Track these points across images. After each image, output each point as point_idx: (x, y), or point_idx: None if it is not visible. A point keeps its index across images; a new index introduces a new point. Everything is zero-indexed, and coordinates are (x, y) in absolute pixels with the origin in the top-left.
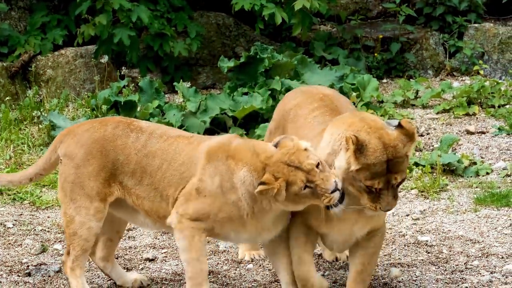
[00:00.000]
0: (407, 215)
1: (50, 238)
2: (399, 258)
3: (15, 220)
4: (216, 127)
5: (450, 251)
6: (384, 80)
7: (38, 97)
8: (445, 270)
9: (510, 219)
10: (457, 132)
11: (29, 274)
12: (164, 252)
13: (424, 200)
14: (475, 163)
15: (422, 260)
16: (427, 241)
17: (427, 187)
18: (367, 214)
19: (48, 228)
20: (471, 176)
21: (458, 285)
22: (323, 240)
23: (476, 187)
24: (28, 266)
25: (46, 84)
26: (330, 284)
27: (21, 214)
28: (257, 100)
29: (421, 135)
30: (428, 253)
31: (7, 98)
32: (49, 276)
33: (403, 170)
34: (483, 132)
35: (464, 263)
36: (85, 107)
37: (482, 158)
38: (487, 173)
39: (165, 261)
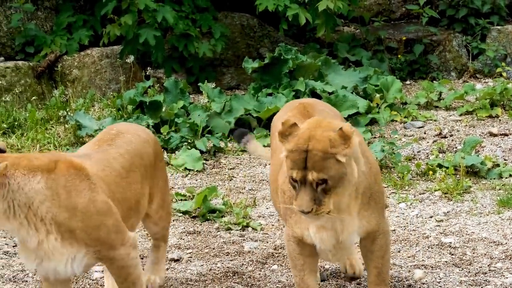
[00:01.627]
0: (431, 217)
1: None
2: (422, 260)
3: None
4: (241, 127)
5: (473, 253)
6: (408, 82)
7: (64, 97)
8: (469, 272)
9: None
10: (480, 134)
11: None
12: (189, 253)
13: (447, 202)
14: (498, 165)
15: (446, 262)
16: (450, 243)
17: (451, 189)
18: (344, 222)
19: None
20: (494, 178)
21: (481, 287)
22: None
23: (499, 189)
24: None
25: (72, 84)
26: (355, 286)
27: None
28: (281, 101)
29: (444, 137)
30: (452, 255)
31: (34, 97)
32: (74, 276)
33: (323, 170)
34: (506, 134)
35: (488, 265)
36: (110, 107)
37: (505, 160)
38: (510, 175)
39: (190, 262)
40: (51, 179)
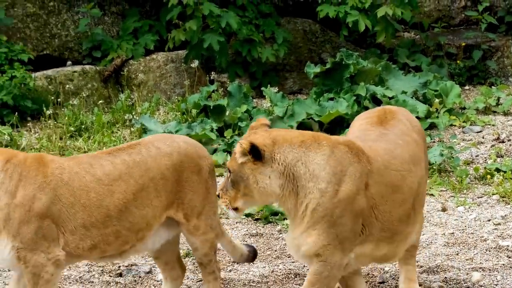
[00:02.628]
0: (489, 220)
1: None
2: (480, 263)
3: None
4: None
5: None
6: (466, 87)
7: (130, 100)
8: None
9: None
10: None
11: (120, 275)
12: None
13: (505, 205)
14: None
15: (503, 264)
16: (508, 246)
17: (508, 192)
18: (293, 233)
19: None
20: None
21: None
22: None
23: None
24: (119, 266)
25: (138, 88)
26: None
27: None
28: (342, 105)
29: (502, 142)
30: (509, 257)
31: (100, 101)
32: (139, 276)
33: (231, 160)
34: None
35: None
36: (175, 111)
37: None
38: None
39: (253, 263)
40: (10, 163)
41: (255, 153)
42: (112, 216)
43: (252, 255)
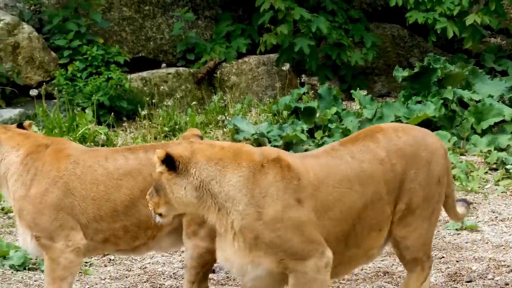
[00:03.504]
0: None
1: None
2: None
3: None
4: None
5: None
6: None
7: (223, 102)
8: None
9: None
10: None
11: (213, 271)
12: None
13: None
14: None
15: None
16: None
17: None
18: (226, 252)
19: None
20: None
21: None
22: None
23: None
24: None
25: (230, 90)
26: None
27: None
28: (430, 108)
29: None
30: None
31: (194, 102)
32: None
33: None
34: None
35: None
36: (267, 112)
37: None
38: None
39: None
40: (30, 157)
41: (170, 164)
42: (119, 211)
43: None
